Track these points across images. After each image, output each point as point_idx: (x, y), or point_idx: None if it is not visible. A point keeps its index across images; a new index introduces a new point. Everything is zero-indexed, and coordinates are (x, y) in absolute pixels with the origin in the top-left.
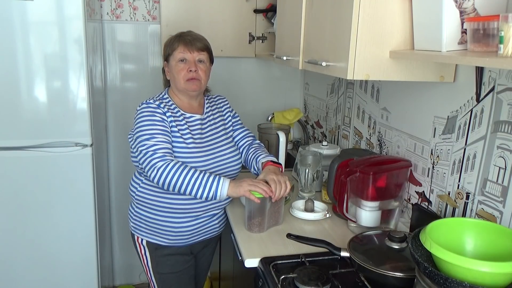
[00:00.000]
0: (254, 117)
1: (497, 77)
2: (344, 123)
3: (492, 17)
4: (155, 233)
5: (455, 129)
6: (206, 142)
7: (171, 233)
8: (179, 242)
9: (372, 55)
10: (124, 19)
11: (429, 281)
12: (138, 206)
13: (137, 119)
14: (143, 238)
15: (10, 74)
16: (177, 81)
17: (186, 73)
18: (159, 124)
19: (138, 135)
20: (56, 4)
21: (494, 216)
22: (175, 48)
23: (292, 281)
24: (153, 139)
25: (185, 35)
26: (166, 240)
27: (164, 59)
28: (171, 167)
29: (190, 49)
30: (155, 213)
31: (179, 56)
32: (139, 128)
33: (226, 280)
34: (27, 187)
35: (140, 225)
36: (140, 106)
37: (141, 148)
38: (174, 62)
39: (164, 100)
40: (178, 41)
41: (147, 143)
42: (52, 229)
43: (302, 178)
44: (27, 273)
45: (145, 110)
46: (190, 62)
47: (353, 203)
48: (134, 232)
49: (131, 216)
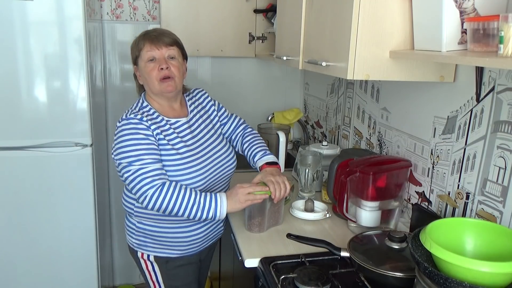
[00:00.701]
0: (254, 117)
1: (497, 77)
2: (344, 123)
3: (492, 17)
4: (164, 246)
5: (455, 129)
6: (200, 144)
7: (183, 243)
8: (191, 251)
9: (372, 55)
10: (124, 19)
11: (429, 281)
12: (140, 221)
13: (118, 138)
14: (150, 254)
15: (10, 74)
16: (150, 84)
17: (157, 73)
18: (143, 143)
19: (121, 158)
20: (56, 4)
21: (494, 216)
22: (141, 47)
23: (292, 281)
24: (138, 161)
25: (150, 32)
26: (178, 251)
27: (133, 63)
28: (164, 193)
29: (157, 45)
30: (163, 226)
31: (147, 56)
32: (121, 149)
33: (226, 280)
34: (27, 187)
35: (145, 241)
36: (120, 122)
37: (127, 174)
38: (143, 63)
39: (144, 110)
40: (143, 40)
41: (132, 168)
42: (52, 229)
43: (302, 178)
44: (27, 273)
45: (126, 128)
46: (159, 60)
47: (353, 203)
48: (137, 248)
49: (132, 232)
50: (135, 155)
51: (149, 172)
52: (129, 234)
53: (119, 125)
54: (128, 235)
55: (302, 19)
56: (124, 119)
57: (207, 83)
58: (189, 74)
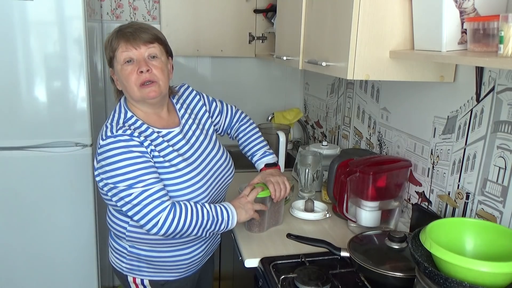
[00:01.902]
0: (254, 117)
1: (497, 77)
2: (344, 123)
3: (492, 17)
4: (161, 270)
5: (455, 129)
6: (198, 155)
7: (182, 266)
8: (191, 270)
9: (372, 55)
10: (124, 19)
11: (429, 281)
12: (133, 246)
13: (108, 159)
14: (144, 278)
15: (10, 74)
16: (129, 90)
17: (136, 77)
18: (140, 161)
19: (115, 181)
20: (56, 4)
21: (494, 216)
22: (115, 47)
23: (292, 281)
24: (139, 183)
25: (124, 28)
26: (176, 273)
27: (108, 64)
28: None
29: (134, 44)
30: (160, 250)
31: (123, 57)
32: (114, 171)
33: (226, 280)
34: (27, 187)
35: (139, 265)
36: (104, 139)
37: (128, 198)
38: (119, 66)
39: (129, 122)
40: (117, 38)
41: (134, 191)
42: (52, 229)
43: (302, 178)
44: (27, 273)
45: (115, 147)
46: (138, 61)
47: (353, 203)
48: (128, 273)
49: (122, 256)
50: (134, 177)
51: (155, 194)
52: (117, 258)
53: (104, 143)
54: (116, 258)
55: (302, 19)
56: (110, 136)
57: (207, 83)
58: (189, 74)
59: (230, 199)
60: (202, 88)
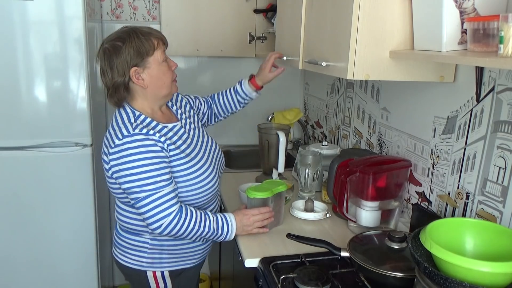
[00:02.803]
0: (254, 117)
1: (497, 77)
2: (344, 123)
3: (492, 17)
4: (180, 258)
5: (455, 129)
6: (200, 147)
7: (198, 252)
8: (203, 257)
9: (372, 55)
10: (124, 19)
11: (429, 281)
12: (154, 238)
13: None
14: (164, 270)
15: (10, 74)
16: (165, 86)
17: (172, 73)
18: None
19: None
20: (56, 4)
21: (494, 216)
22: (155, 46)
23: (292, 281)
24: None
25: (148, 31)
26: (193, 260)
27: (130, 65)
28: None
29: (166, 44)
30: (179, 239)
31: (162, 57)
32: (129, 171)
33: (226, 280)
34: (27, 187)
35: (160, 257)
36: (120, 139)
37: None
38: (155, 65)
39: (140, 118)
40: (155, 38)
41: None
42: (52, 229)
43: (302, 178)
44: (27, 273)
45: (131, 147)
46: (170, 61)
47: (353, 203)
48: (148, 268)
49: (143, 251)
50: (147, 177)
51: (164, 197)
52: (137, 254)
53: (120, 143)
54: (134, 256)
55: (302, 19)
56: (126, 136)
57: (207, 83)
58: (188, 74)
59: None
60: (202, 88)
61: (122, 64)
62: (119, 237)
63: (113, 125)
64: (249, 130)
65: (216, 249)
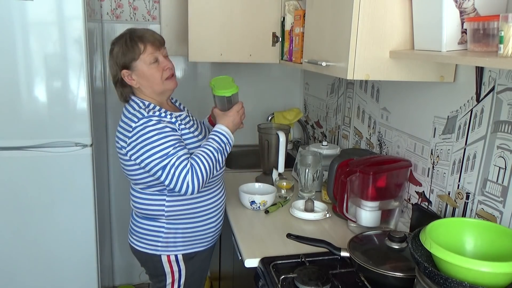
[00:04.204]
0: (254, 117)
1: (497, 77)
2: (344, 123)
3: (492, 17)
4: (194, 241)
5: (455, 129)
6: (202, 132)
7: (211, 234)
8: (214, 240)
9: (372, 55)
10: (124, 19)
11: (429, 281)
12: (170, 222)
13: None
14: (179, 253)
15: (10, 74)
16: (154, 85)
17: (162, 73)
18: (171, 133)
19: (151, 153)
20: (56, 4)
21: (494, 216)
22: (141, 51)
23: (292, 281)
24: (172, 156)
25: (140, 35)
26: (206, 242)
27: (120, 67)
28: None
29: (158, 46)
30: (195, 220)
31: (150, 58)
32: (151, 145)
33: (226, 280)
34: (27, 187)
35: (175, 241)
36: (136, 122)
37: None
38: (144, 66)
39: (150, 106)
40: (142, 43)
41: (167, 161)
42: (52, 229)
43: (302, 178)
44: (27, 273)
45: (149, 125)
46: (162, 61)
47: (353, 203)
48: (163, 252)
49: (159, 236)
50: (168, 147)
51: (178, 159)
52: (153, 239)
53: (138, 124)
54: (149, 241)
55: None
56: (141, 118)
57: (207, 83)
58: (188, 74)
59: (229, 196)
60: (202, 89)
61: (114, 65)
62: (135, 224)
63: (125, 115)
64: (249, 130)
65: (216, 249)
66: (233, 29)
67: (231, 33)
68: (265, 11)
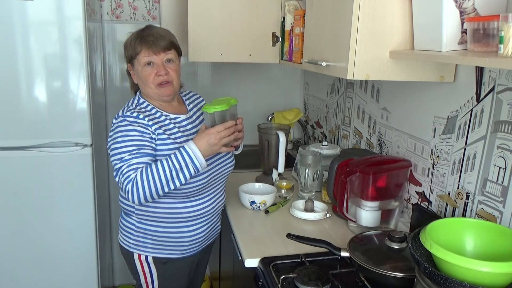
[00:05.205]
0: (254, 117)
1: (497, 77)
2: (344, 123)
3: (492, 17)
4: (165, 247)
5: (455, 129)
6: None
7: (184, 244)
8: (191, 251)
9: (372, 55)
10: (124, 19)
11: (429, 281)
12: (140, 221)
13: (113, 136)
14: (148, 255)
15: (10, 74)
16: (147, 88)
17: (155, 78)
18: (135, 138)
19: (112, 154)
20: (56, 4)
21: (494, 216)
22: (138, 51)
23: (292, 281)
24: (127, 161)
25: (146, 35)
26: (178, 251)
27: (127, 61)
28: (140, 180)
29: (155, 51)
30: (166, 226)
31: (144, 60)
32: (114, 145)
33: (226, 280)
34: (27, 187)
35: (144, 242)
36: (116, 119)
37: (117, 167)
38: (139, 66)
39: (141, 106)
40: (140, 44)
41: (118, 165)
42: (52, 229)
43: (302, 178)
44: (27, 273)
45: (120, 125)
46: (158, 66)
47: (353, 203)
48: (134, 250)
49: (130, 232)
50: (125, 152)
51: (128, 167)
52: (126, 235)
53: (115, 122)
54: (124, 236)
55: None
56: (119, 116)
57: (207, 82)
58: (188, 73)
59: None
60: (202, 89)
61: (125, 56)
62: (120, 217)
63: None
64: (249, 130)
65: (216, 249)
66: (233, 29)
67: (231, 33)
68: (265, 11)
